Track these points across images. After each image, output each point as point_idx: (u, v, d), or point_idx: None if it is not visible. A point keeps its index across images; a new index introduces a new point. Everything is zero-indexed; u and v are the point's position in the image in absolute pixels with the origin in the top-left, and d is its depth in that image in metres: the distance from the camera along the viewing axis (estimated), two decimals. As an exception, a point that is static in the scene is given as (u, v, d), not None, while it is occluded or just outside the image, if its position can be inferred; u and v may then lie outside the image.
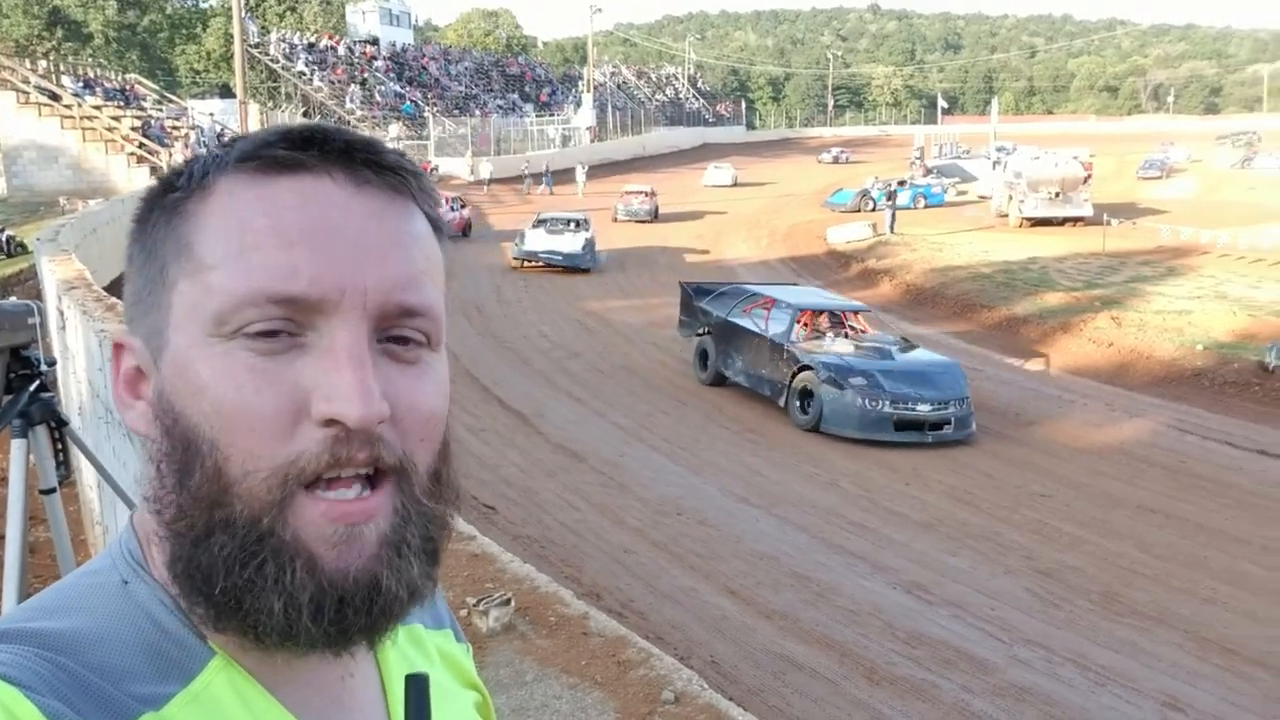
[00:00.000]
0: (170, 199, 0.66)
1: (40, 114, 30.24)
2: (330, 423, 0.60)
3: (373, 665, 0.75)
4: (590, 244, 25.39)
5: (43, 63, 38.18)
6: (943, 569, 9.03)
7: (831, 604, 8.13)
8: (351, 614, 0.62)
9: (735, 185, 46.78)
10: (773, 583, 8.48)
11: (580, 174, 43.41)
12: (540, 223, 26.54)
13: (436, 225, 0.71)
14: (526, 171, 43.50)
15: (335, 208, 0.63)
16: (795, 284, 20.36)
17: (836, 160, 60.77)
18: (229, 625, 0.62)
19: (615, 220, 33.31)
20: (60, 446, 2.72)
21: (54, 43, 45.61)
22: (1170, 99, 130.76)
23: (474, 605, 4.52)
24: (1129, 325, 18.22)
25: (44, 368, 2.66)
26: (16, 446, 2.63)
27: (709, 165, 50.31)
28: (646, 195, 35.43)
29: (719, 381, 15.19)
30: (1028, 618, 8.15)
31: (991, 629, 7.90)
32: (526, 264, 24.93)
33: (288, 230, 0.62)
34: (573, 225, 26.31)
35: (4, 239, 24.46)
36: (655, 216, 34.34)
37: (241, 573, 0.60)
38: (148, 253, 0.67)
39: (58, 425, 2.71)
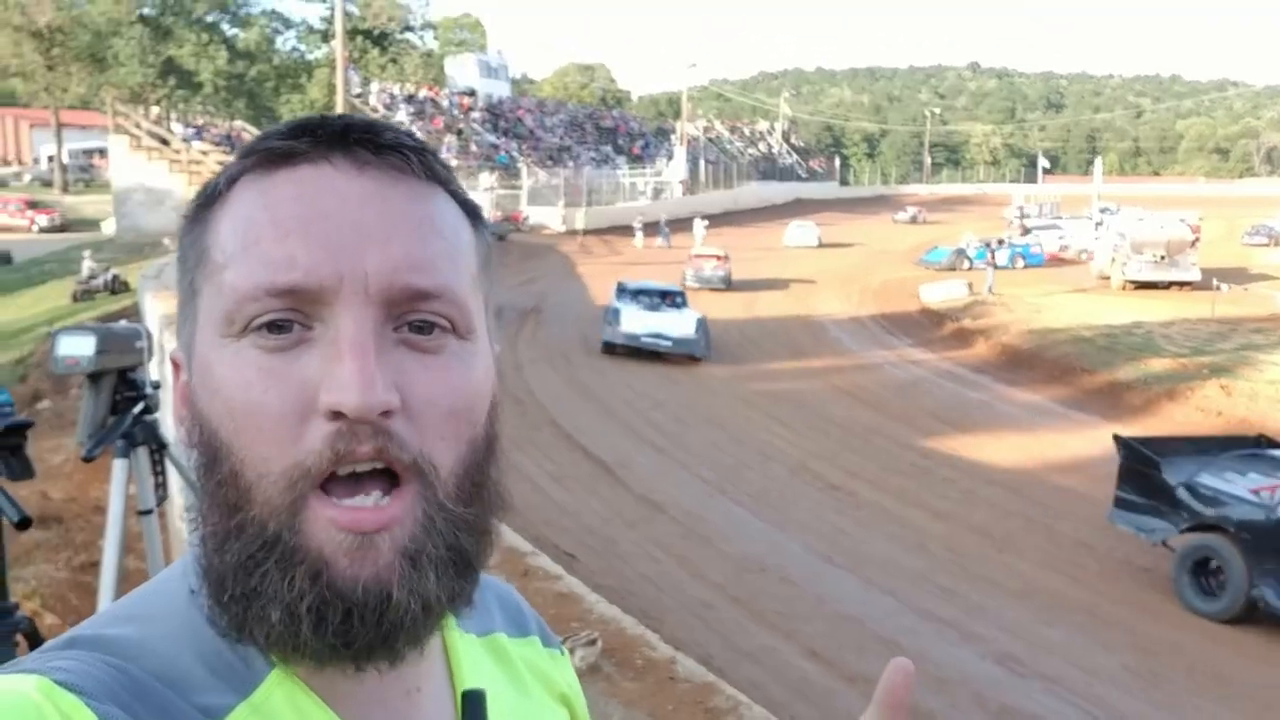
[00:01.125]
0: (193, 210, 0.66)
1: (150, 158, 31.64)
2: (334, 415, 0.58)
3: (446, 679, 0.71)
4: (703, 324, 21.13)
5: (155, 109, 40.03)
6: (1036, 640, 8.65)
7: (919, 671, 7.70)
8: (358, 625, 0.58)
9: (820, 246, 43.52)
10: (857, 646, 8.20)
11: (699, 227, 42.53)
12: (628, 294, 22.04)
13: (464, 205, 0.68)
14: (639, 224, 42.88)
15: (333, 193, 0.61)
16: None
17: (914, 220, 58.84)
18: (243, 634, 0.60)
19: (684, 286, 27.67)
20: (160, 469, 2.75)
21: (166, 90, 47.75)
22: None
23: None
24: (1240, 394, 17.46)
25: (149, 390, 2.69)
26: (119, 466, 2.66)
27: (790, 222, 47.63)
28: (719, 260, 31.59)
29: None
30: (1126, 696, 7.74)
31: (1087, 705, 7.51)
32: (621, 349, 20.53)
33: (284, 221, 0.60)
34: (671, 299, 22.18)
35: (110, 277, 25.63)
36: (729, 284, 30.56)
37: (247, 580, 0.59)
38: (182, 265, 0.67)
39: (159, 448, 2.74)
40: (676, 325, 20.73)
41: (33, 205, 45.20)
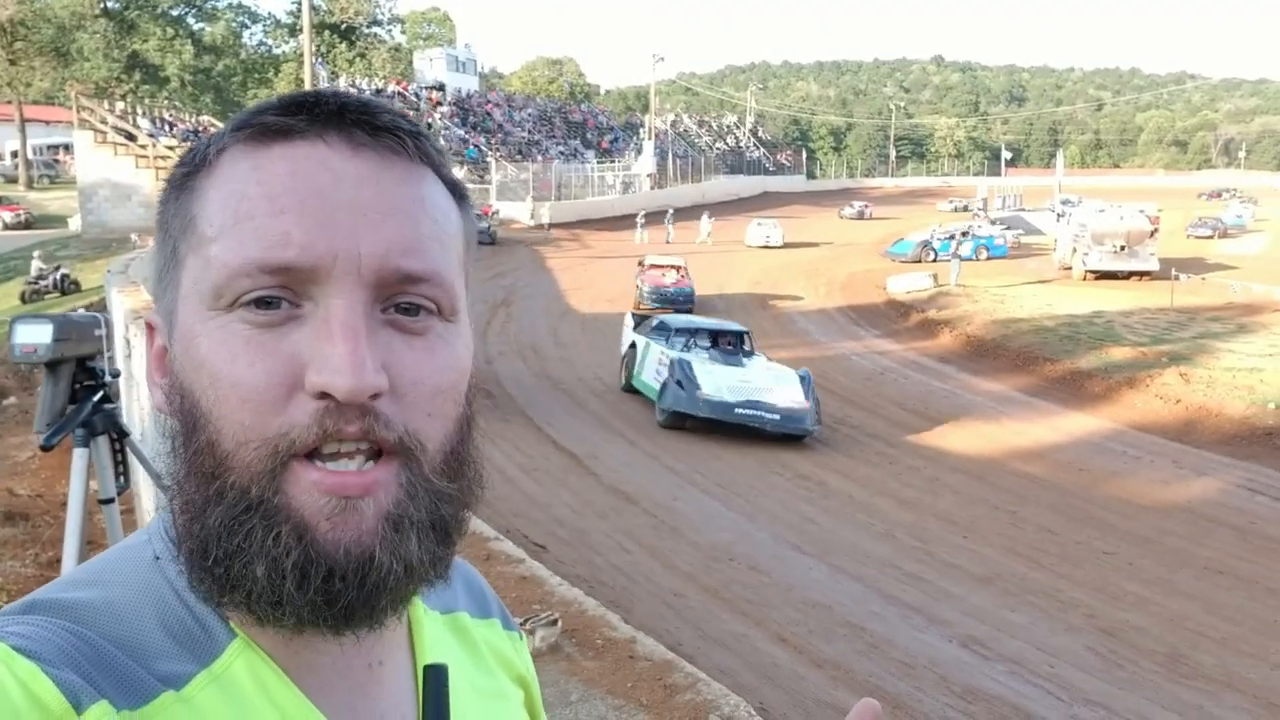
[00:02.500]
0: (179, 175, 0.66)
1: (116, 153, 31.28)
2: (322, 395, 0.59)
3: (407, 653, 0.73)
4: (809, 385, 15.21)
5: (120, 104, 39.51)
6: (1001, 624, 8.80)
7: (885, 655, 7.95)
8: (340, 585, 0.59)
9: (784, 246, 40.36)
10: (825, 632, 8.32)
11: (706, 221, 42.14)
12: (676, 335, 16.77)
13: (453, 188, 0.69)
14: (643, 218, 42.23)
15: (328, 172, 0.61)
16: None
17: (861, 216, 57.96)
18: (228, 599, 0.61)
19: (638, 307, 24.28)
20: (120, 457, 2.76)
21: (132, 85, 47.19)
22: (1242, 154, 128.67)
23: (521, 625, 4.50)
24: (1198, 382, 17.77)
25: (108, 379, 2.70)
26: (78, 456, 2.66)
27: (751, 220, 44.22)
28: (679, 271, 26.70)
29: None
30: (1089, 677, 7.89)
31: (1051, 687, 7.66)
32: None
33: (279, 198, 0.60)
34: (736, 343, 17.02)
35: (59, 276, 25.04)
36: (692, 301, 25.84)
37: (231, 540, 0.59)
38: (164, 231, 0.67)
39: (119, 436, 2.74)
40: (779, 390, 14.96)
41: (-3, 201, 44.51)
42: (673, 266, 26.85)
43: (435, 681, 0.68)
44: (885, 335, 24.27)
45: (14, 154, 56.51)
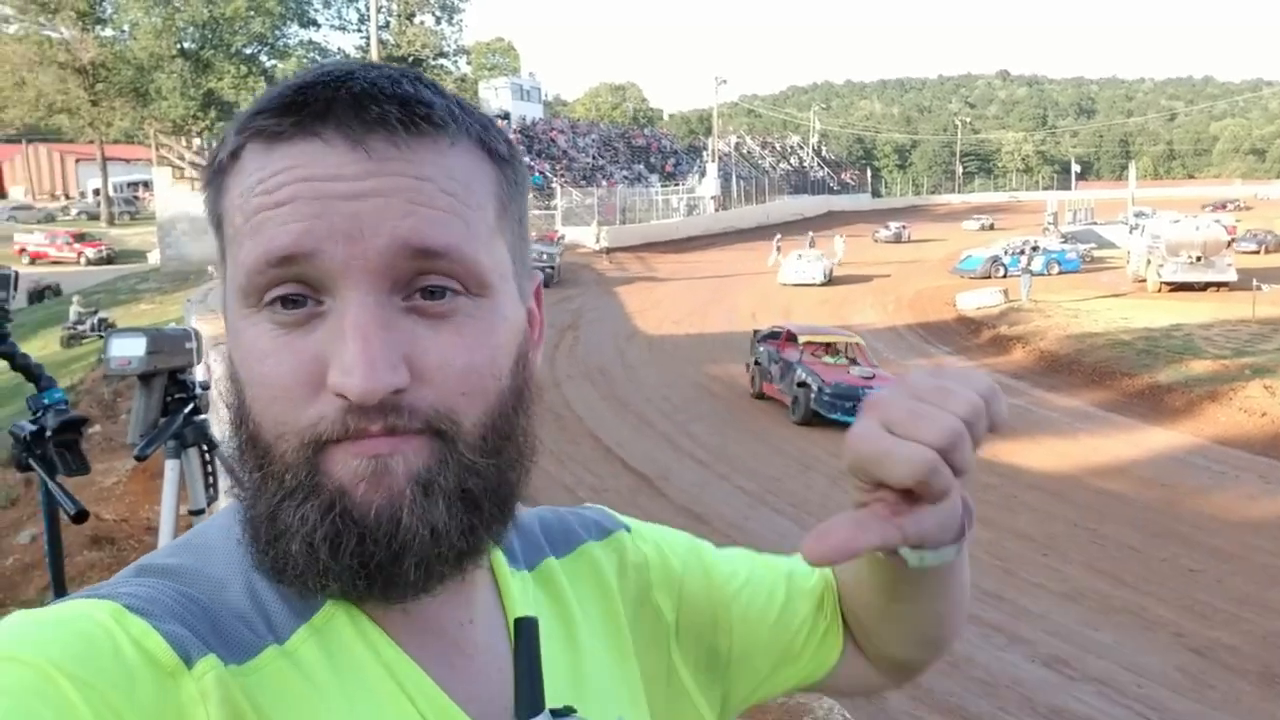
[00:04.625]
0: (209, 173, 0.67)
1: (193, 188, 32.20)
2: (340, 395, 0.60)
3: (498, 611, 0.75)
4: None
5: (197, 141, 40.66)
6: (1085, 643, 8.60)
7: (966, 675, 7.80)
8: (371, 547, 0.61)
9: (829, 283, 34.25)
10: (903, 651, 8.20)
11: (840, 243, 41.27)
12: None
13: (482, 144, 0.66)
14: (779, 242, 41.17)
15: (326, 167, 0.61)
16: None
17: (899, 238, 53.76)
18: (284, 578, 0.63)
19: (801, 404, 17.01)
20: (210, 469, 2.82)
21: (208, 122, 48.50)
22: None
23: None
24: (1284, 394, 17.24)
25: (199, 391, 2.78)
26: (170, 467, 2.73)
27: (789, 254, 36.63)
28: (859, 353, 18.50)
29: None
30: (1180, 697, 7.67)
31: (1140, 708, 7.46)
32: None
33: (277, 193, 0.61)
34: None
35: (97, 320, 24.74)
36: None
37: (274, 526, 0.62)
38: (213, 225, 0.68)
39: (209, 448, 2.81)
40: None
41: (80, 238, 46.01)
42: (845, 345, 18.58)
43: (527, 634, 0.68)
44: (956, 352, 23.93)
45: (96, 191, 58.51)
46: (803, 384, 16.63)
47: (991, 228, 57.94)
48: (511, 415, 0.67)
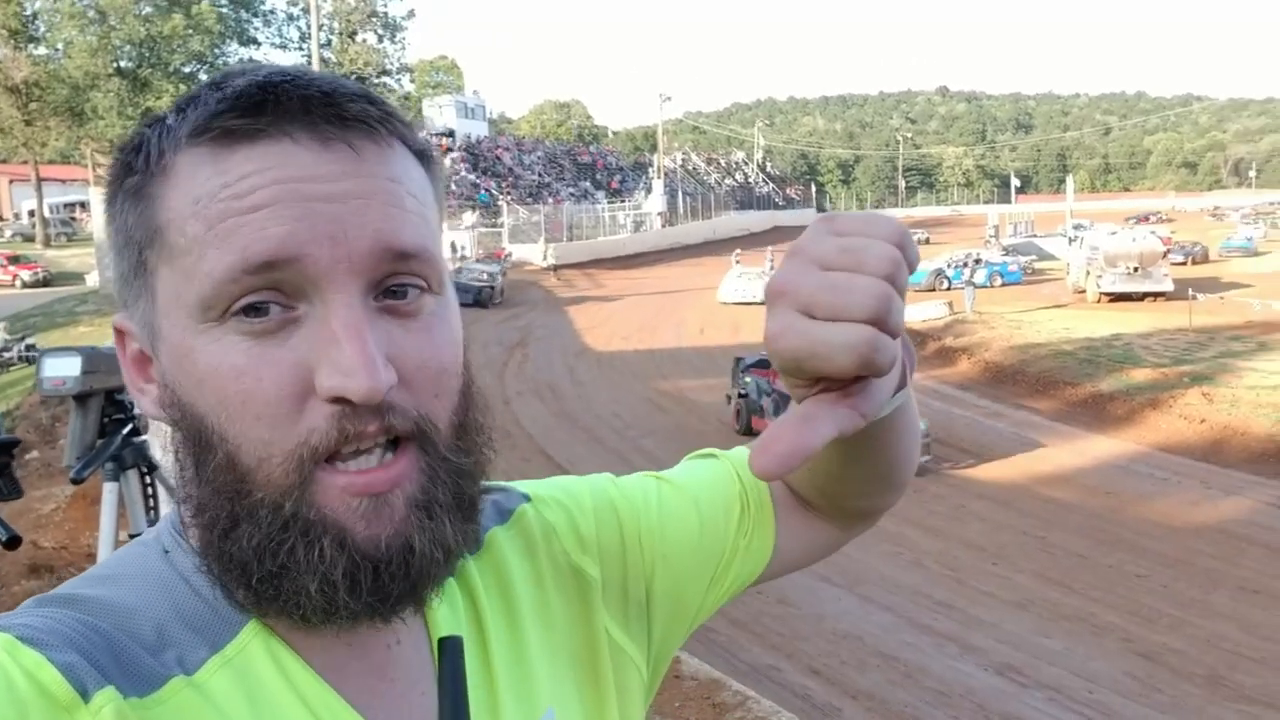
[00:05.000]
0: (131, 183, 0.62)
1: (133, 208, 31.77)
2: (337, 399, 0.57)
3: (422, 627, 0.71)
4: None
5: (135, 160, 39.98)
6: (1036, 651, 8.68)
7: (920, 685, 7.84)
8: (389, 580, 0.59)
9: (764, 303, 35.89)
10: (858, 662, 8.22)
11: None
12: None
13: (420, 156, 0.66)
14: (738, 256, 40.92)
15: (299, 168, 0.58)
16: None
17: None
18: (268, 609, 0.61)
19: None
20: (151, 491, 2.73)
21: (147, 142, 47.78)
22: (1252, 173, 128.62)
23: None
24: (1221, 401, 17.62)
25: (136, 411, 2.68)
26: (108, 490, 2.63)
27: (730, 268, 35.23)
28: None
29: None
30: (1129, 702, 7.77)
31: (1091, 713, 7.55)
32: None
33: (250, 197, 0.57)
34: None
35: (24, 347, 24.36)
36: None
37: (274, 561, 0.58)
38: (123, 237, 0.63)
39: (149, 470, 2.72)
40: None
41: (15, 260, 44.84)
42: None
43: (451, 654, 0.66)
44: (903, 364, 24.16)
45: (31, 213, 57.24)
46: None
47: (927, 242, 58.32)
48: (470, 410, 0.66)
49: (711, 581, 0.87)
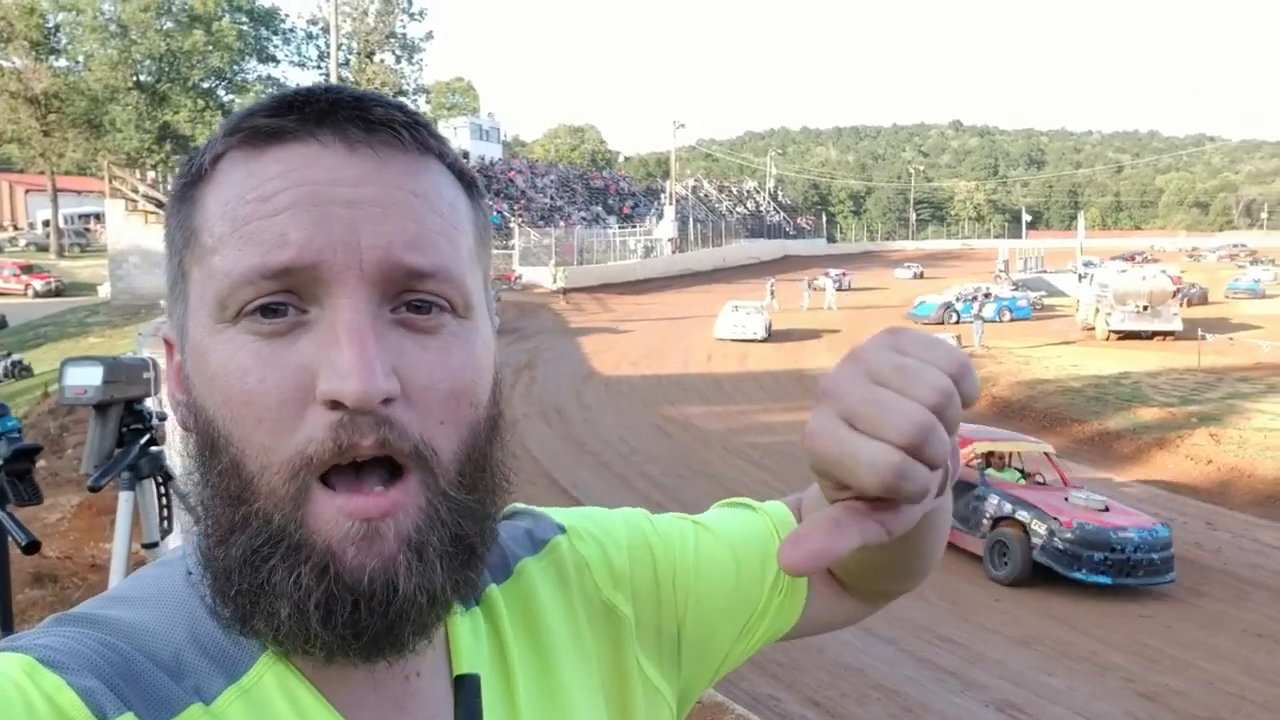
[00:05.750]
0: (178, 187, 0.64)
1: (146, 221, 31.85)
2: (334, 405, 0.56)
3: (444, 662, 0.70)
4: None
5: (151, 174, 40.25)
6: (1039, 688, 8.64)
7: (920, 720, 7.81)
8: (367, 615, 0.58)
9: (768, 339, 30.35)
10: (858, 695, 8.19)
11: (829, 283, 41.24)
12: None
13: (460, 176, 0.66)
14: (809, 282, 41.51)
15: (324, 171, 0.59)
16: None
17: (838, 287, 44.48)
18: (250, 628, 0.60)
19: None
20: (166, 502, 2.75)
21: (163, 155, 48.04)
22: (1264, 215, 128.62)
23: None
24: (1228, 442, 17.59)
25: (155, 422, 2.71)
26: (124, 499, 2.65)
27: (725, 305, 32.24)
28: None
29: None
30: (1131, 743, 7.72)
31: (1092, 753, 7.49)
32: None
33: (273, 199, 0.58)
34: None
35: (10, 363, 24.36)
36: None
37: (254, 575, 0.58)
38: (170, 245, 0.65)
39: (165, 479, 2.74)
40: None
41: (28, 270, 45.17)
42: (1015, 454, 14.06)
43: (468, 693, 0.66)
44: (910, 397, 24.13)
45: (46, 223, 57.57)
46: (1011, 522, 11.87)
47: (921, 276, 57.98)
48: (486, 447, 0.64)
49: (742, 632, 0.87)
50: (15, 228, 66.71)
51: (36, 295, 42.10)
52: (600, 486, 14.90)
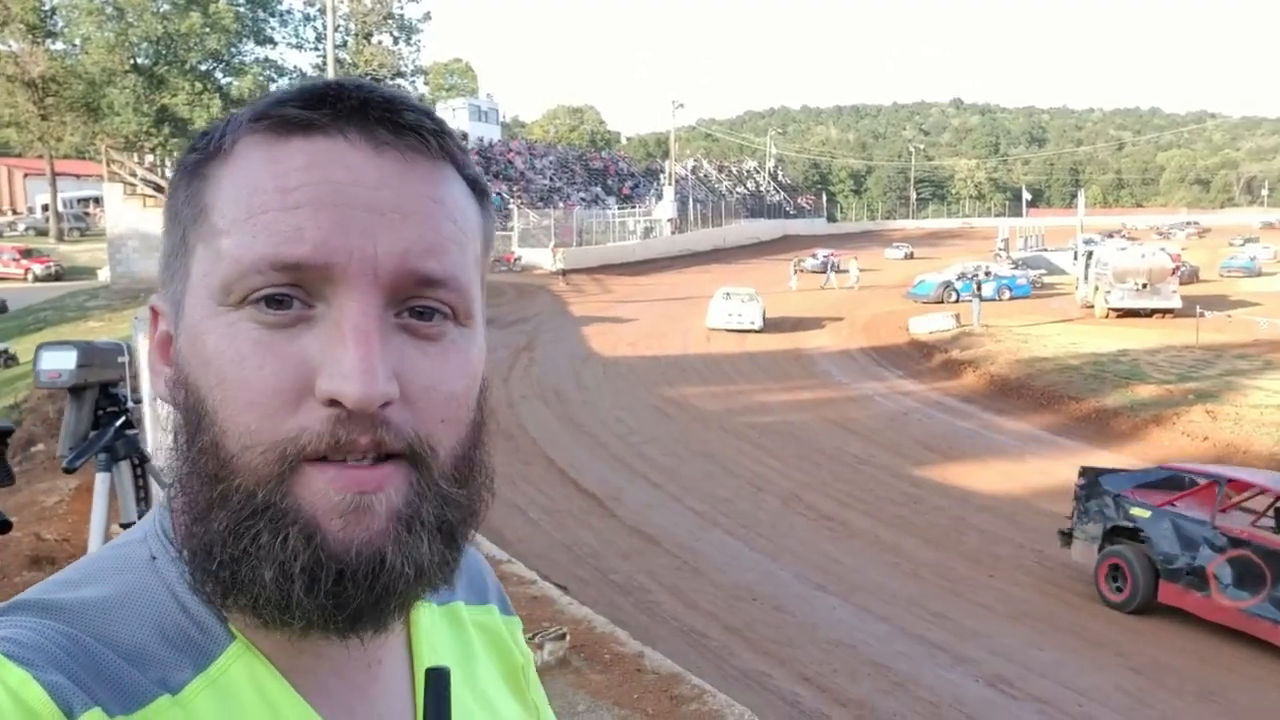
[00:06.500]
0: (189, 160, 0.64)
1: (145, 205, 31.79)
2: (332, 403, 0.57)
3: (404, 653, 0.72)
4: None
5: (150, 157, 40.17)
6: (1029, 663, 8.70)
7: (910, 694, 7.87)
8: (351, 588, 0.58)
9: (763, 329, 28.82)
10: (849, 671, 8.25)
11: (854, 266, 42.08)
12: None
13: (474, 186, 0.67)
14: (796, 264, 42.32)
15: (347, 170, 0.59)
16: None
17: (825, 268, 44.11)
18: (233, 601, 0.60)
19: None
20: (142, 482, 2.79)
21: (161, 138, 47.89)
22: (1265, 192, 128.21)
23: (530, 639, 4.57)
24: (1225, 419, 17.61)
25: (130, 404, 2.74)
26: (100, 480, 2.70)
27: (716, 291, 31.02)
28: None
29: None
30: (1119, 716, 7.78)
31: (1080, 726, 7.55)
32: None
33: (294, 192, 0.59)
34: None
35: None
36: None
37: (237, 545, 0.58)
38: (173, 217, 0.65)
39: (140, 461, 2.78)
40: None
41: (27, 254, 45.21)
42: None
43: (437, 685, 0.66)
44: (908, 376, 24.17)
45: (45, 207, 57.53)
46: None
47: (910, 256, 57.71)
48: (477, 447, 0.66)
49: None
50: (14, 212, 66.62)
51: (36, 280, 42.13)
52: (597, 467, 14.96)
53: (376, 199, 0.60)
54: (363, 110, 0.61)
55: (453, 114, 64.12)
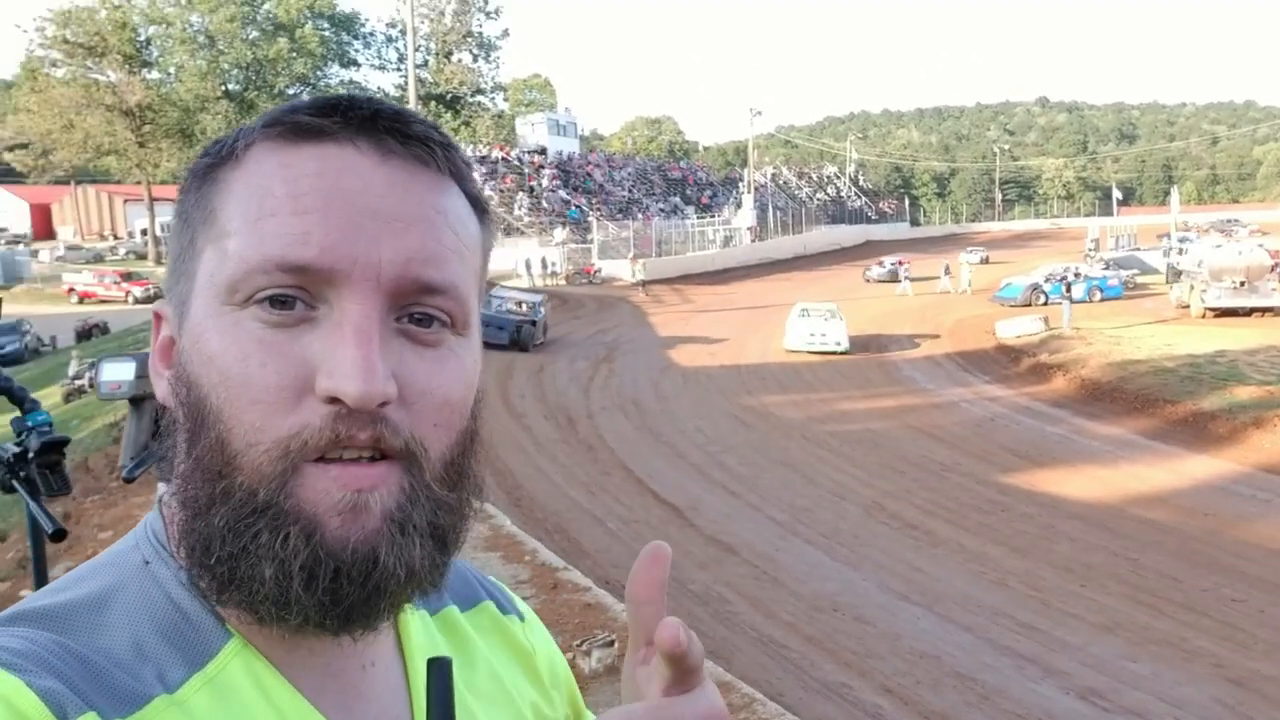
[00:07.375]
0: (201, 164, 0.66)
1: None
2: (332, 400, 0.59)
3: (396, 653, 0.73)
4: None
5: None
6: (1122, 675, 8.40)
7: (997, 707, 7.65)
8: (346, 585, 0.60)
9: (849, 352, 26.41)
10: (933, 683, 8.06)
11: (966, 267, 42.05)
12: None
13: (476, 202, 0.69)
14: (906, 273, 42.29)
15: (356, 176, 0.61)
16: None
17: (894, 277, 44.36)
18: (229, 597, 0.61)
19: None
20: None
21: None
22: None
23: (577, 646, 4.55)
24: (1331, 420, 16.87)
25: None
26: (161, 488, 2.75)
27: (791, 311, 28.91)
28: None
29: None
30: (1218, 731, 7.47)
31: (1177, 741, 7.27)
32: None
33: (303, 197, 0.60)
34: None
35: (93, 374, 24.74)
36: None
37: (236, 541, 0.59)
38: (183, 220, 0.67)
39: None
40: None
41: (127, 277, 46.93)
42: None
43: (440, 675, 0.66)
44: (995, 381, 23.67)
45: (144, 232, 59.68)
46: None
47: (986, 261, 55.92)
48: (468, 454, 0.67)
49: None
50: (115, 237, 69.26)
51: (136, 301, 43.72)
52: (677, 477, 14.91)
53: (383, 206, 0.62)
54: (372, 120, 0.63)
55: (532, 129, 64.90)
